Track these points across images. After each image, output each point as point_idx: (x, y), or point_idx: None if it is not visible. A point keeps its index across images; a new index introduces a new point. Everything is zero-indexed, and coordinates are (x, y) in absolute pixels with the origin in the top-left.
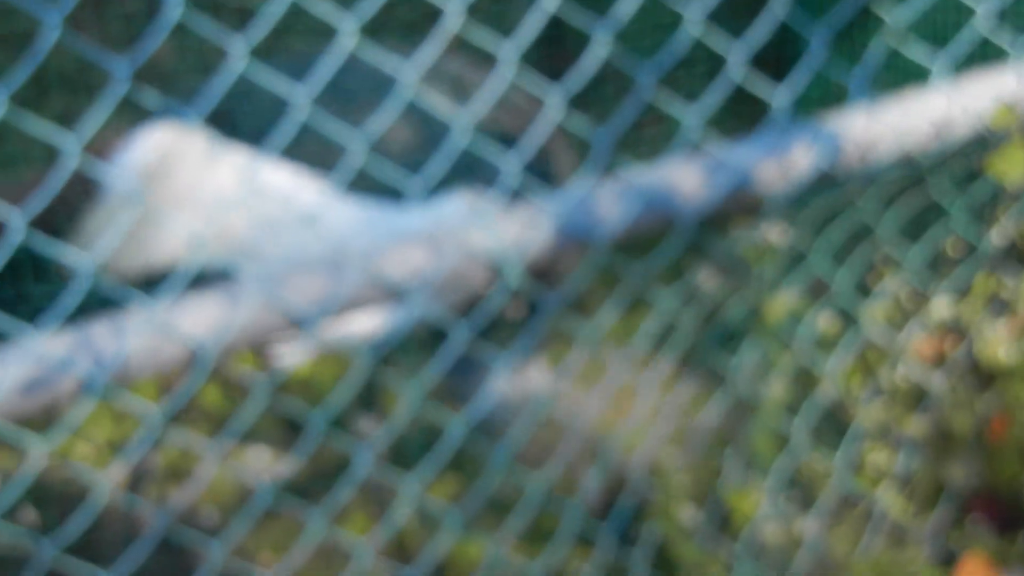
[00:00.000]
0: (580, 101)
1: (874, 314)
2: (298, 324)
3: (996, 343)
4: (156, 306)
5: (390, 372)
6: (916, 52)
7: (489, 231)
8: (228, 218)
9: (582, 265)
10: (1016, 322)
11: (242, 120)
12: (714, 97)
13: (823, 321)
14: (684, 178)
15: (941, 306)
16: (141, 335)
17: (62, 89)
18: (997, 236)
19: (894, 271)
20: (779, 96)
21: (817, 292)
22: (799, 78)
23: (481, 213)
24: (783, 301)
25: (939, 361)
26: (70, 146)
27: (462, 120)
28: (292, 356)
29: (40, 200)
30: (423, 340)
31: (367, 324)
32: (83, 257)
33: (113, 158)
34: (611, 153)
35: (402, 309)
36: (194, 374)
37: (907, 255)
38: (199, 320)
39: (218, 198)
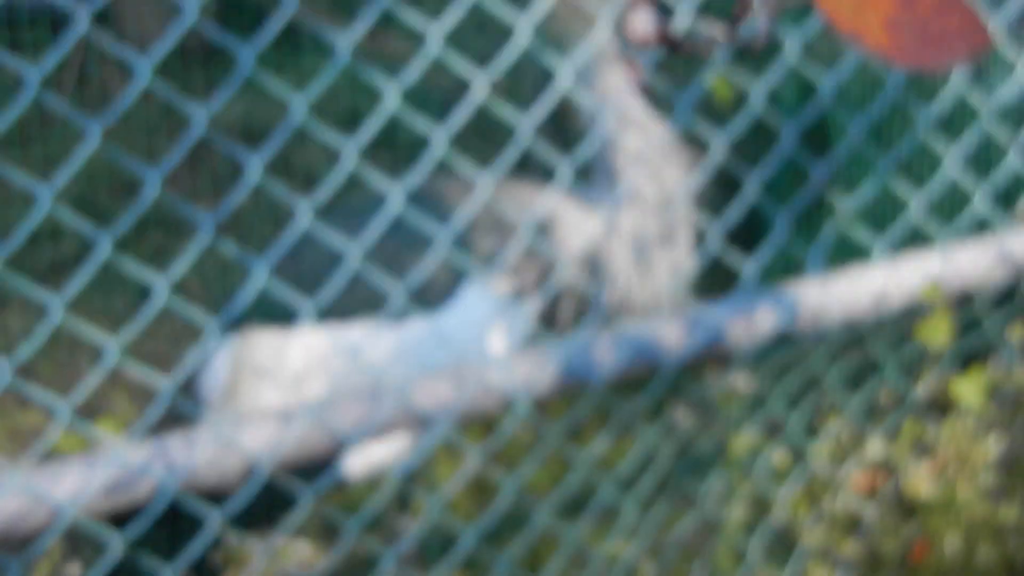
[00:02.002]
0: None
1: (820, 451)
2: (341, 444)
3: (920, 480)
4: (222, 423)
5: (416, 487)
6: (861, 235)
7: (504, 370)
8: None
9: (580, 403)
10: (937, 463)
11: (305, 268)
12: (695, 265)
13: (777, 456)
14: (667, 332)
15: (875, 447)
16: (208, 448)
17: (158, 231)
18: (923, 390)
19: (837, 415)
20: (748, 267)
21: (773, 431)
22: (765, 253)
23: (500, 353)
24: (745, 438)
25: (872, 493)
26: (160, 286)
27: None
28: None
29: (131, 330)
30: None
31: (399, 446)
32: (163, 380)
33: (204, 371)
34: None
35: (428, 434)
36: (251, 482)
37: (848, 402)
38: (257, 437)
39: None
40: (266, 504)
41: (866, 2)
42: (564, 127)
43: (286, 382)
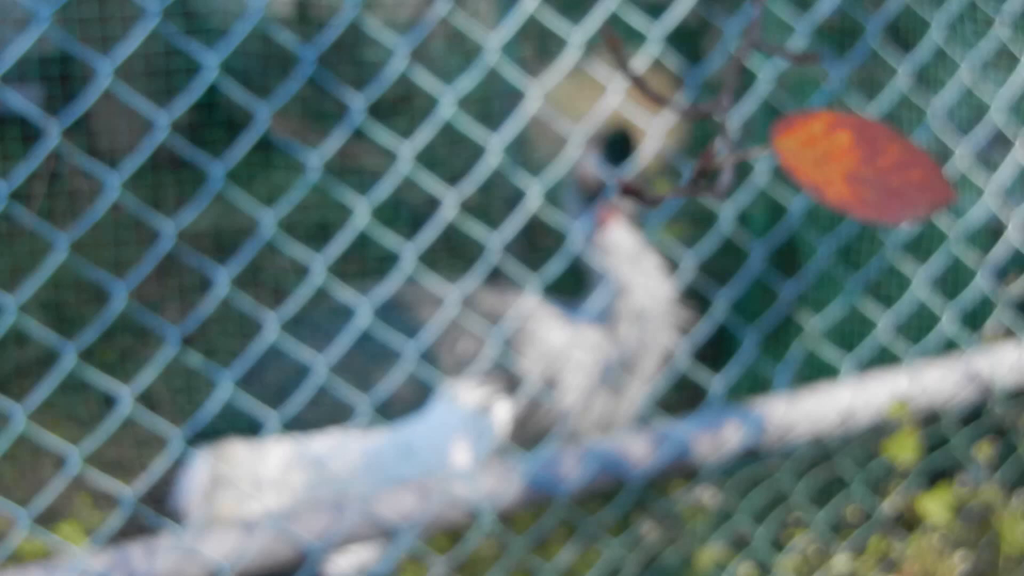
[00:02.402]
0: None
1: (785, 566)
2: (304, 555)
3: None
4: (184, 533)
5: None
6: (828, 354)
7: (469, 483)
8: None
9: (547, 515)
10: None
11: (272, 380)
12: (662, 382)
13: (743, 570)
14: (634, 447)
15: (841, 562)
16: (169, 558)
17: (124, 337)
18: (889, 506)
19: (804, 531)
20: (716, 383)
21: (740, 546)
22: (733, 370)
23: (465, 466)
24: (711, 552)
25: None
26: (124, 395)
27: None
28: None
29: (93, 441)
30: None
31: (362, 557)
32: (125, 490)
33: (179, 482)
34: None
35: (394, 545)
36: None
37: (815, 518)
38: (219, 547)
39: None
40: None
41: (828, 156)
42: (535, 242)
43: (263, 492)
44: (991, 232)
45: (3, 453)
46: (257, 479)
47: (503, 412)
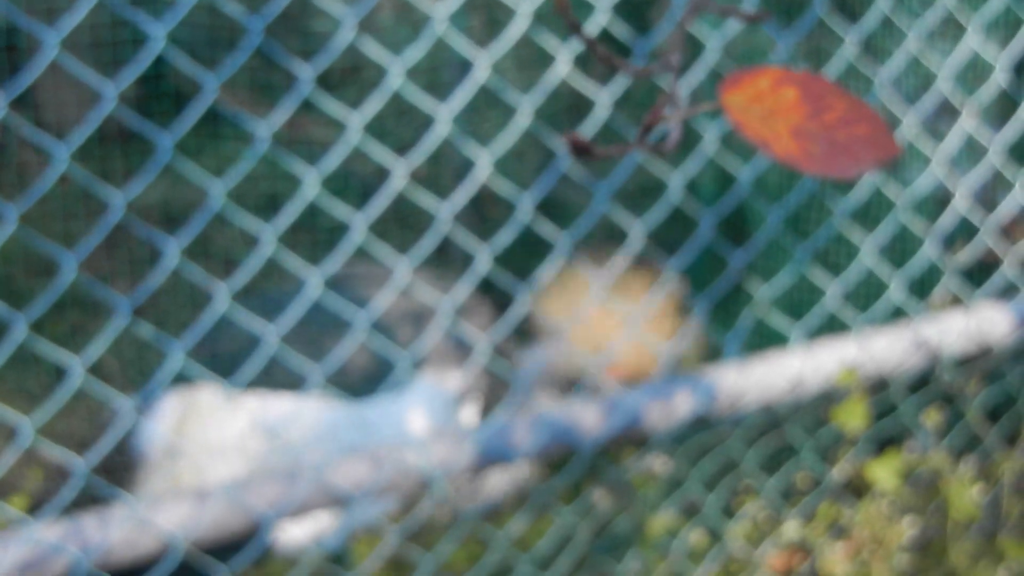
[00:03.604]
0: (505, 346)
1: (736, 533)
2: (257, 524)
3: (835, 561)
4: (137, 503)
5: (336, 568)
6: (778, 322)
7: (421, 451)
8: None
9: (499, 484)
10: (851, 544)
11: (222, 351)
12: (614, 351)
13: (694, 537)
14: (586, 415)
15: (791, 528)
16: (123, 527)
17: (74, 310)
18: (839, 472)
19: (754, 498)
20: (665, 352)
21: (690, 513)
22: (682, 338)
23: (419, 434)
24: (662, 519)
25: (788, 575)
26: (76, 367)
27: (405, 358)
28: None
29: (45, 412)
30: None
31: (316, 526)
32: (78, 461)
33: (145, 421)
34: (528, 392)
35: (346, 514)
36: (166, 562)
37: (765, 485)
38: (172, 517)
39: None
40: None
41: (774, 112)
42: (485, 213)
43: (228, 444)
44: (938, 201)
45: None
46: (222, 429)
47: (472, 409)
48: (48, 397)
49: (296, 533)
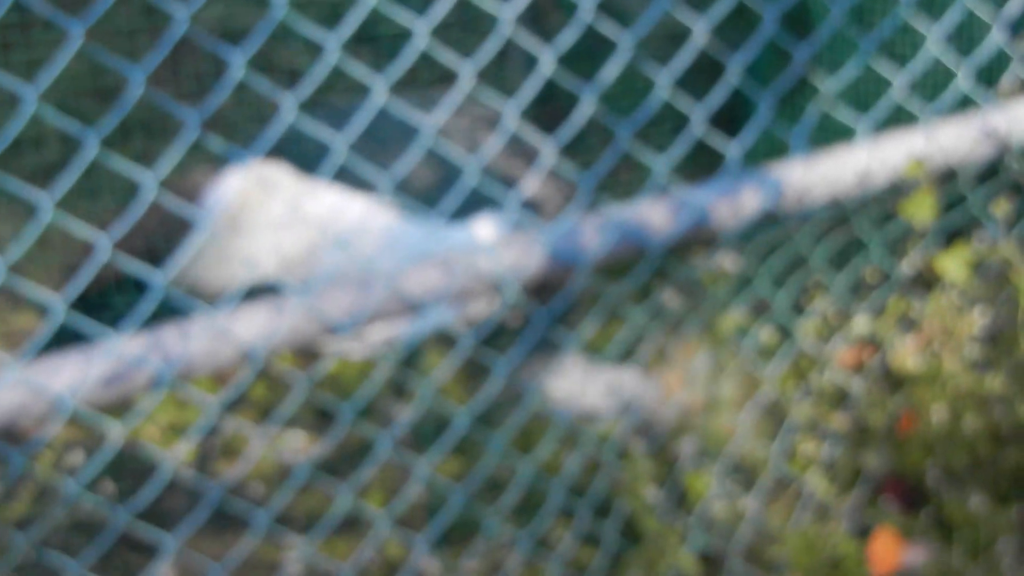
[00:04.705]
0: (569, 150)
1: (806, 329)
2: (332, 331)
3: (905, 354)
4: (216, 315)
5: (409, 372)
6: (844, 115)
7: (492, 256)
8: (291, 241)
9: (569, 285)
10: (921, 337)
11: (291, 162)
12: (679, 149)
13: (765, 334)
14: (653, 215)
15: (861, 323)
16: (203, 338)
17: (142, 133)
18: (907, 266)
19: (823, 294)
20: (732, 149)
21: (760, 310)
22: (749, 135)
23: (488, 240)
24: (732, 318)
25: (858, 368)
26: (148, 182)
27: (472, 164)
28: (332, 356)
29: (122, 226)
30: (437, 345)
31: (391, 332)
32: (157, 274)
33: (204, 195)
34: (594, 193)
35: (419, 320)
36: (245, 371)
37: (834, 281)
38: (251, 327)
39: (286, 224)
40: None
41: None
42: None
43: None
44: None
45: (32, 249)
46: (296, 214)
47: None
48: (122, 214)
49: (369, 338)
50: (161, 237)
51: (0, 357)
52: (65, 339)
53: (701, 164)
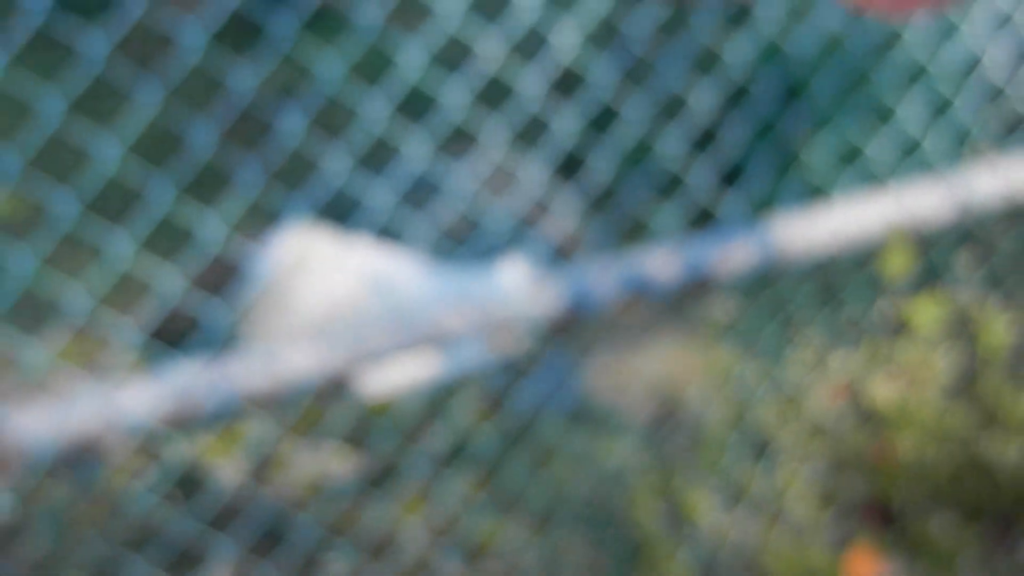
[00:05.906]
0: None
1: (792, 362)
2: (372, 366)
3: (878, 390)
4: (274, 348)
5: (444, 403)
6: (827, 178)
7: (519, 300)
8: (336, 292)
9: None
10: (894, 376)
11: (334, 215)
12: (682, 205)
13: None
14: (655, 266)
15: (841, 360)
16: (261, 370)
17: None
18: (879, 314)
19: (808, 334)
20: (728, 204)
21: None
22: (744, 193)
23: (517, 285)
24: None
25: (838, 401)
26: (216, 235)
27: (501, 213)
28: (375, 388)
29: (190, 271)
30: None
31: (426, 368)
32: (226, 313)
33: (258, 253)
34: (604, 239)
35: (454, 358)
36: (298, 396)
37: (817, 323)
38: (304, 358)
39: (338, 284)
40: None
41: None
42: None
43: (338, 292)
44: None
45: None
46: (335, 273)
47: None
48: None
49: (393, 378)
50: (212, 284)
51: (82, 382)
52: (141, 367)
53: (705, 214)
